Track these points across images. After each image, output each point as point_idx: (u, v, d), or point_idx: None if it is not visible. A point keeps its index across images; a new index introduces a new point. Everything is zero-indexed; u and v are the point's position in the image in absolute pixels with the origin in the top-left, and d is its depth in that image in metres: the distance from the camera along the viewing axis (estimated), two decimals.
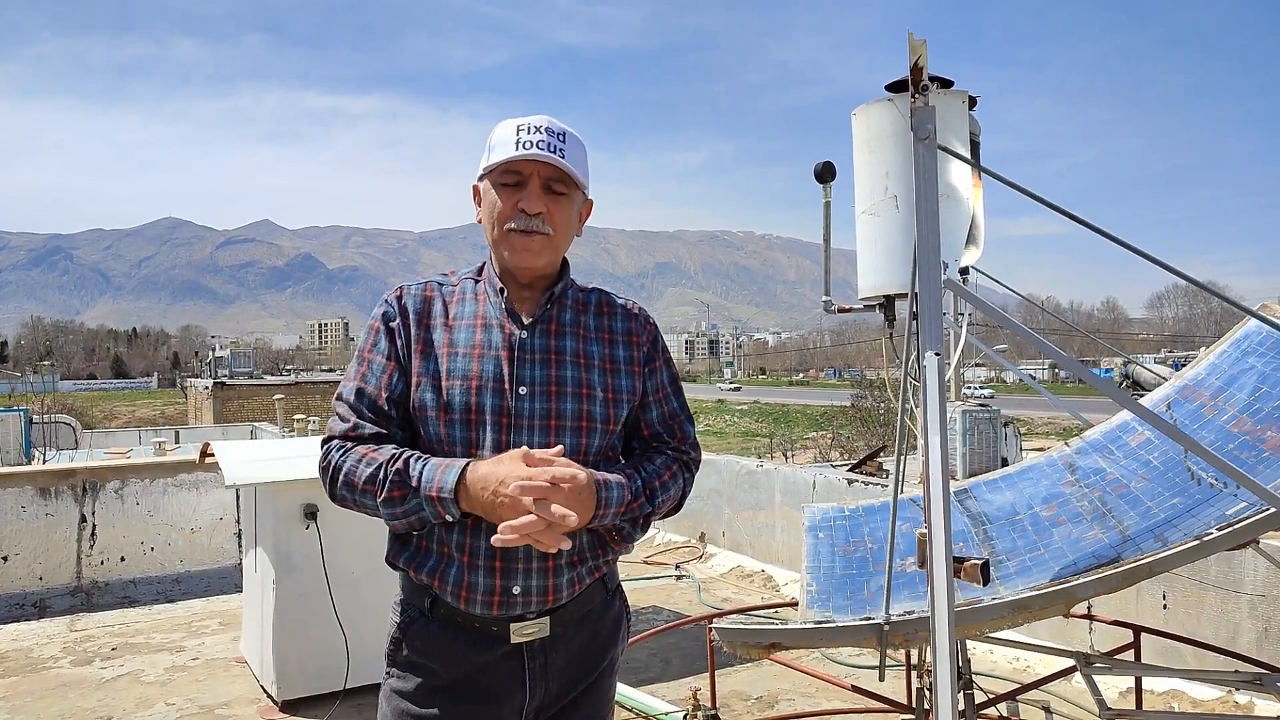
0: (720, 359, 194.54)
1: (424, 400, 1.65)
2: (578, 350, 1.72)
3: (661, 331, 1.88)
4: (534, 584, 1.64)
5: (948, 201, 2.81)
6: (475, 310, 1.72)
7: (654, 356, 1.82)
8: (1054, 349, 2.15)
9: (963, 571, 2.40)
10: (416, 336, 1.69)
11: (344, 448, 1.63)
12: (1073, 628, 4.74)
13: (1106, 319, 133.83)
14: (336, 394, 1.71)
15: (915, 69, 2.02)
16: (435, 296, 1.74)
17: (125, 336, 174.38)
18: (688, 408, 1.88)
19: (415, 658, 1.68)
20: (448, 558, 1.65)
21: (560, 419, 1.66)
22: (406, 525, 1.59)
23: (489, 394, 1.64)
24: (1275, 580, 4.06)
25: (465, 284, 1.77)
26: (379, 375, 1.67)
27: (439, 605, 1.67)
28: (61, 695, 4.74)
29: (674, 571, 7.43)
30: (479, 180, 1.73)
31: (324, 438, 1.69)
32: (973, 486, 3.57)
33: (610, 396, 1.71)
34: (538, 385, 1.66)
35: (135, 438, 29.36)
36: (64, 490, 6.81)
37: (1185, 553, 2.18)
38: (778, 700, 4.56)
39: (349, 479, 1.60)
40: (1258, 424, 2.70)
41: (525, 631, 1.66)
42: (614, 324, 1.79)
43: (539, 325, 1.71)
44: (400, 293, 1.74)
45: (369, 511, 1.62)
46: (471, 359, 1.66)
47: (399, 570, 1.72)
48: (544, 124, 1.65)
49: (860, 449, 25.86)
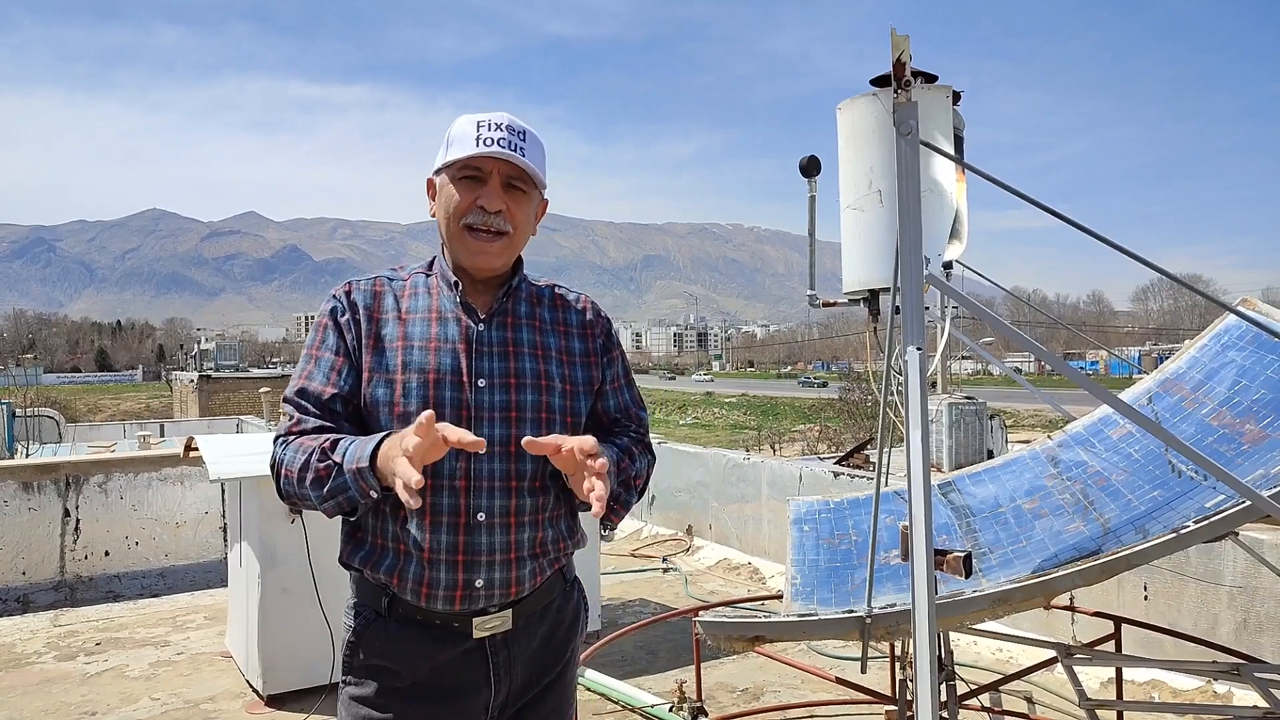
0: (709, 352, 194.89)
1: (377, 396, 1.62)
2: (535, 342, 1.72)
3: (650, 324, 1.89)
4: (496, 576, 1.63)
5: (931, 196, 2.82)
6: (429, 304, 1.70)
7: (610, 347, 1.83)
8: (1033, 343, 2.17)
9: (945, 564, 2.42)
10: (368, 331, 1.66)
11: (285, 442, 1.61)
12: (1055, 619, 4.79)
13: (1092, 311, 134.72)
14: (284, 394, 1.68)
15: (898, 64, 2.03)
16: (385, 291, 1.71)
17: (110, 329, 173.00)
18: (640, 397, 1.91)
19: (374, 660, 1.65)
20: (405, 554, 1.62)
21: (520, 410, 1.65)
22: (336, 507, 1.55)
23: (448, 387, 1.62)
24: (1254, 572, 4.11)
25: (416, 278, 1.75)
26: (325, 372, 1.65)
27: (397, 604, 1.64)
28: (45, 691, 4.72)
29: (661, 564, 7.45)
30: (435, 174, 1.71)
31: (274, 438, 1.67)
32: (957, 479, 3.60)
33: (568, 388, 1.72)
34: (497, 378, 1.65)
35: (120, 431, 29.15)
36: (47, 484, 6.77)
37: (1163, 545, 2.20)
38: (763, 692, 4.58)
39: (288, 471, 1.57)
40: (1236, 417, 2.73)
41: (488, 625, 1.64)
42: (568, 316, 1.79)
43: (495, 318, 1.70)
44: (349, 288, 1.71)
45: (309, 504, 1.59)
46: (428, 352, 1.64)
47: (353, 570, 1.70)
48: (505, 121, 1.64)
49: (848, 441, 25.98)
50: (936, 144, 2.55)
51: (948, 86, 3.11)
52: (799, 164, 3.78)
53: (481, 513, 1.62)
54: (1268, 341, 2.83)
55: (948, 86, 3.11)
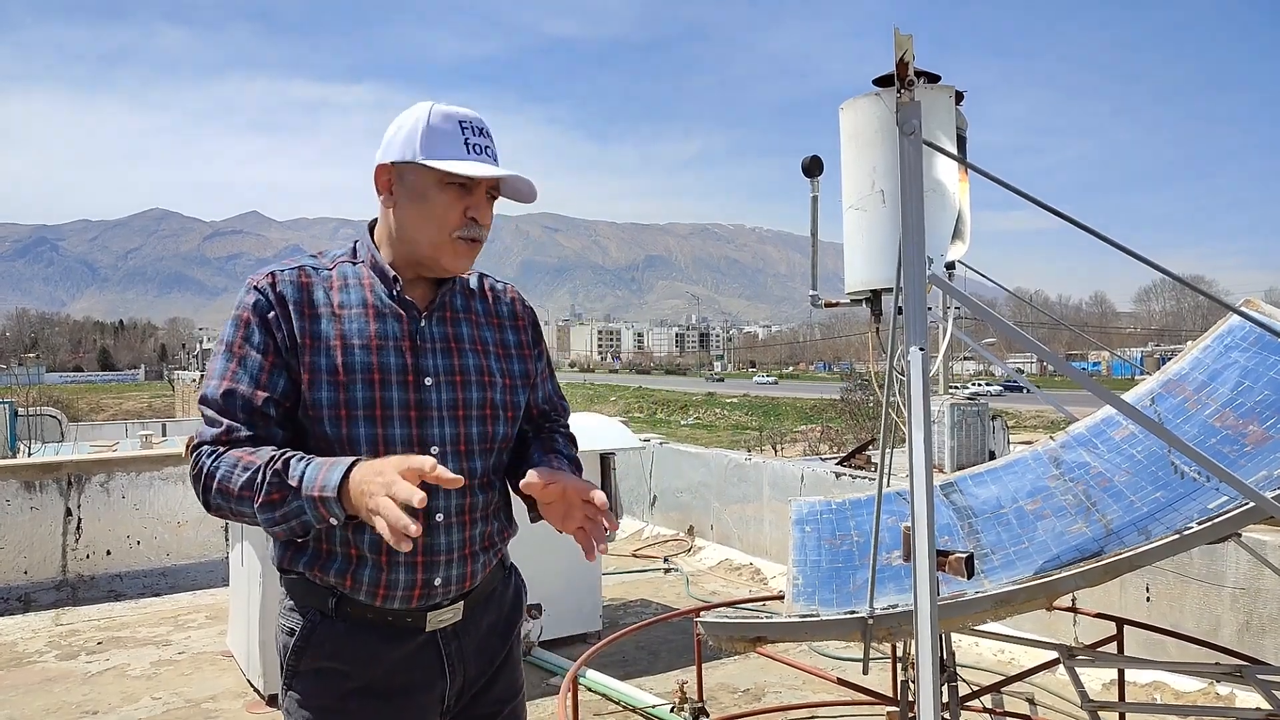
0: (710, 352, 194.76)
1: (319, 399, 1.53)
2: (474, 337, 1.69)
3: (652, 324, 1.89)
4: (454, 573, 1.62)
5: (934, 196, 2.81)
6: (363, 298, 1.60)
7: (538, 339, 1.83)
8: (1036, 343, 2.16)
9: (947, 565, 2.41)
10: (300, 329, 1.55)
11: (215, 453, 1.48)
12: (1058, 620, 4.78)
13: (1095, 312, 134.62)
14: (200, 395, 1.55)
15: (901, 64, 2.03)
16: (314, 283, 1.60)
17: (112, 329, 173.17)
18: (559, 387, 1.92)
19: (323, 663, 1.58)
20: (358, 558, 1.56)
21: (467, 408, 1.62)
22: (287, 531, 1.44)
23: (394, 387, 1.56)
24: (1256, 573, 4.10)
25: (343, 268, 1.64)
26: (253, 373, 1.52)
27: (346, 603, 1.58)
28: (46, 690, 4.72)
29: (662, 564, 7.45)
30: (402, 164, 1.58)
31: (192, 444, 1.54)
32: (959, 480, 3.59)
33: (508, 383, 1.70)
34: (443, 375, 1.61)
35: (122, 430, 29.18)
36: (49, 483, 6.77)
37: (1165, 547, 2.20)
38: (764, 693, 4.58)
39: (223, 486, 1.45)
40: (1240, 418, 2.72)
41: (440, 619, 1.62)
42: (500, 308, 1.76)
43: (435, 313, 1.65)
44: (273, 279, 1.58)
45: (245, 520, 1.50)
46: (370, 351, 1.56)
47: (293, 574, 1.62)
48: (482, 125, 1.60)
49: (850, 442, 25.95)
50: (939, 144, 2.55)
51: (950, 86, 3.10)
52: (801, 164, 3.77)
53: (439, 513, 1.60)
54: (1271, 342, 2.82)
55: (950, 86, 3.10)
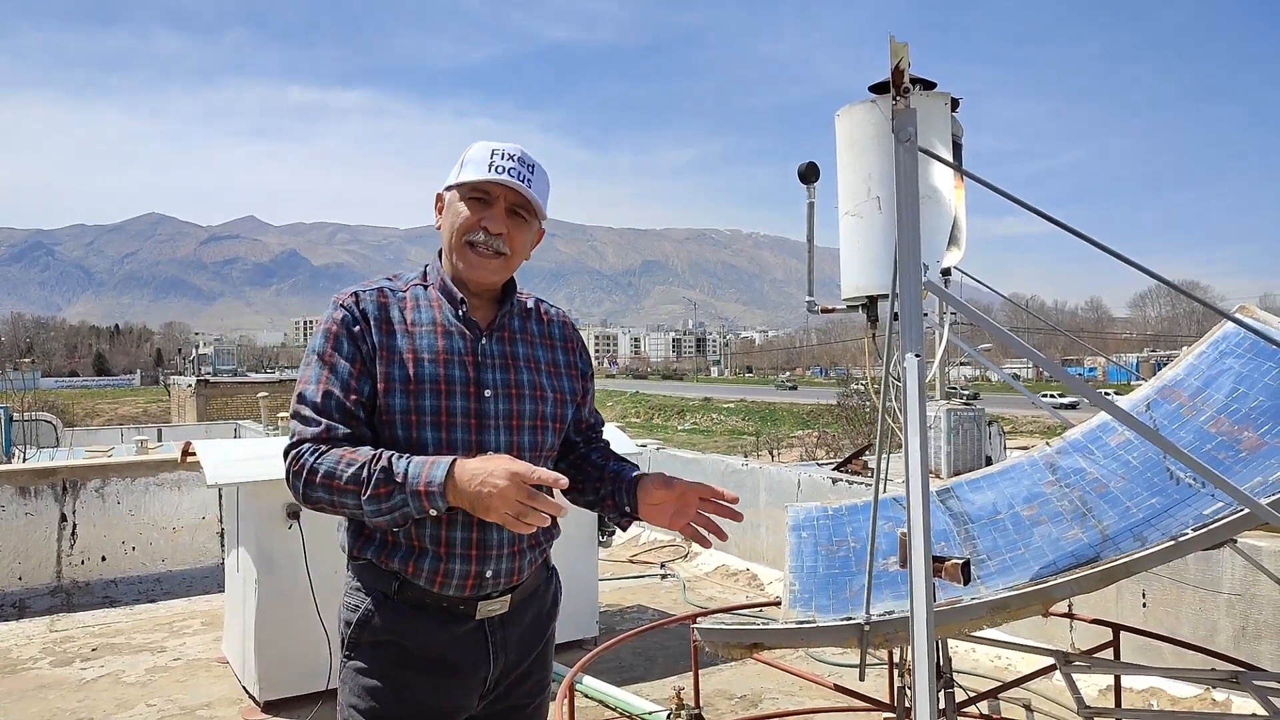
0: (707, 357, 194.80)
1: (393, 405, 1.73)
2: (529, 355, 1.89)
3: (648, 329, 1.97)
4: (504, 567, 1.80)
5: (929, 203, 2.82)
6: (433, 317, 1.82)
7: (589, 362, 2.05)
8: (1031, 349, 2.17)
9: (943, 571, 2.41)
10: (380, 342, 1.76)
11: (318, 450, 1.68)
12: (1054, 626, 4.78)
13: (1090, 318, 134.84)
14: (297, 396, 1.75)
15: (897, 71, 2.03)
16: (390, 303, 1.81)
17: (108, 333, 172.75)
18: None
19: (383, 636, 1.77)
20: (420, 549, 1.75)
21: (521, 419, 1.82)
22: (390, 521, 1.65)
23: (458, 397, 1.76)
24: (1252, 579, 4.10)
25: (414, 290, 1.86)
26: (345, 379, 1.73)
27: (407, 588, 1.76)
28: (41, 696, 4.71)
29: (659, 570, 7.44)
30: (446, 190, 1.84)
31: (293, 441, 1.73)
32: (955, 486, 3.59)
33: (557, 397, 1.90)
34: (500, 388, 1.80)
35: (117, 436, 29.11)
36: (44, 489, 6.76)
37: (1161, 553, 2.20)
38: (761, 699, 4.57)
39: (328, 480, 1.65)
40: (1235, 424, 2.73)
41: (489, 609, 1.81)
42: (552, 330, 1.98)
43: (496, 332, 1.85)
44: (356, 298, 1.80)
45: (346, 511, 1.69)
46: (438, 364, 1.76)
47: (363, 561, 1.80)
48: (517, 153, 1.80)
49: (846, 447, 25.97)
50: (935, 150, 2.56)
51: (946, 93, 3.11)
52: (798, 170, 3.78)
53: None
54: (1266, 349, 2.83)
55: (946, 93, 3.11)
